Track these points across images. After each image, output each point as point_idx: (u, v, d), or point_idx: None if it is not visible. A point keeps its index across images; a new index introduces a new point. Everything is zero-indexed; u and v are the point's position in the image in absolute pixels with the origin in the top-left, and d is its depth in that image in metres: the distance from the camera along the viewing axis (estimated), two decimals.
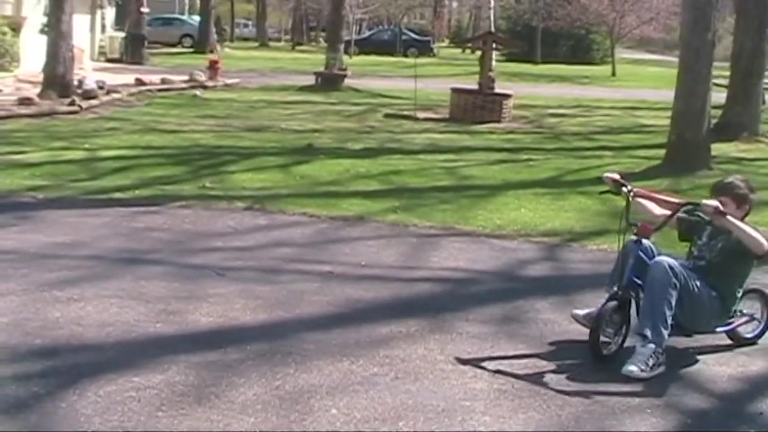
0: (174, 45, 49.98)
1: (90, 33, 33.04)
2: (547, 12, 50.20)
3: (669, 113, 14.49)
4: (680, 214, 5.98)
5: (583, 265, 8.07)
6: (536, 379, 5.22)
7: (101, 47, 35.90)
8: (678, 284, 5.39)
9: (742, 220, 5.59)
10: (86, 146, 13.38)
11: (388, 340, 5.77)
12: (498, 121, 19.74)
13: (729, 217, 5.41)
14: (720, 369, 5.62)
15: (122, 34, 36.00)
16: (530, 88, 30.14)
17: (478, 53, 25.93)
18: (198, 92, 23.59)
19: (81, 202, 9.56)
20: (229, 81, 27.06)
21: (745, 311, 5.98)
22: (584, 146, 16.77)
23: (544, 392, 5.03)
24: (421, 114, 20.32)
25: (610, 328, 5.58)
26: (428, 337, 5.87)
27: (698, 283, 5.52)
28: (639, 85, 35.86)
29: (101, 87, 20.59)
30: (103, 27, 37.47)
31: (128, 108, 19.37)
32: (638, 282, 5.60)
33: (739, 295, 5.81)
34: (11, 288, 6.36)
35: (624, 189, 5.97)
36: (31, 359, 5.11)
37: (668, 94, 15.92)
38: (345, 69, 28.40)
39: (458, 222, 9.40)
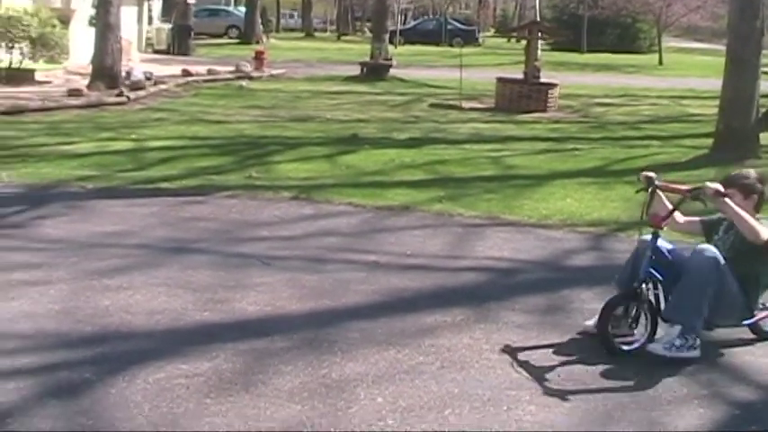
0: (220, 36, 50.33)
1: (137, 25, 33.34)
2: (593, 0, 49.78)
3: (717, 102, 14.34)
4: (703, 217, 6.01)
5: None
6: (581, 369, 5.20)
7: (148, 38, 36.22)
8: (718, 280, 5.32)
9: (752, 212, 5.51)
10: (134, 136, 13.52)
11: (433, 329, 5.78)
12: (544, 111, 19.65)
13: (728, 200, 5.37)
14: None
15: (169, 26, 36.30)
16: (575, 77, 29.95)
17: (524, 42, 25.76)
18: (244, 82, 23.73)
19: (129, 191, 9.66)
20: (275, 72, 27.20)
21: (766, 305, 5.86)
22: (630, 135, 16.64)
23: (589, 382, 5.02)
24: (466, 104, 20.28)
25: (622, 323, 5.54)
26: (473, 326, 5.88)
27: (729, 279, 5.42)
28: (686, 74, 35.50)
29: (148, 78, 20.79)
30: (150, 19, 37.81)
31: (174, 99, 19.53)
32: (656, 274, 5.58)
33: (761, 289, 5.70)
34: (61, 276, 6.46)
35: (652, 185, 5.91)
36: (81, 346, 5.19)
37: (716, 83, 15.76)
38: (390, 59, 28.38)
39: (503, 212, 9.38)
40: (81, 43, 22.37)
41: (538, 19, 26.86)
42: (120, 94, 18.00)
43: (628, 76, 34.45)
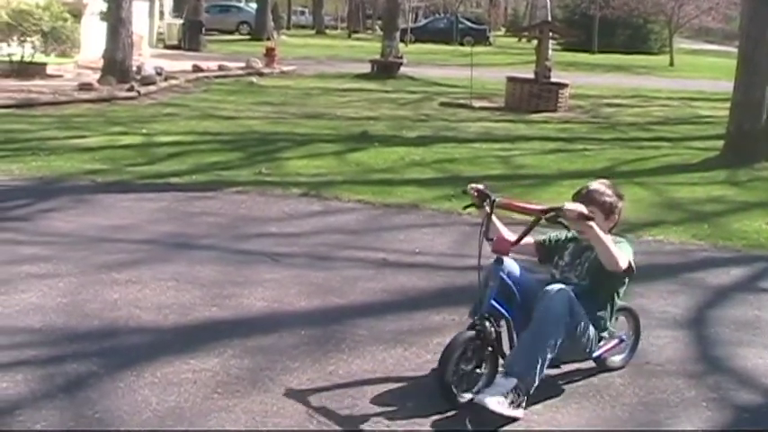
0: (231, 32, 50.47)
1: (149, 20, 33.37)
2: (604, 0, 49.71)
3: (727, 104, 14.30)
4: (538, 237, 5.25)
5: (637, 256, 7.94)
6: (587, 370, 5.18)
7: (159, 33, 36.26)
8: (570, 320, 4.63)
9: (610, 231, 4.97)
10: (144, 131, 13.55)
11: (440, 328, 5.77)
12: (554, 111, 19.62)
13: (593, 224, 4.61)
14: None
15: (180, 21, 36.35)
16: (586, 78, 29.91)
17: (534, 42, 25.73)
18: (254, 79, 23.77)
19: (138, 186, 9.68)
20: (286, 68, 27.23)
21: (615, 334, 5.17)
22: (640, 136, 16.61)
23: (597, 384, 5.01)
24: (476, 103, 20.26)
25: (466, 365, 4.61)
26: None
27: (581, 316, 4.73)
28: (698, 76, 35.40)
29: (159, 73, 20.83)
30: (162, 14, 37.86)
31: (185, 94, 19.57)
32: (501, 309, 4.72)
33: (610, 317, 5.04)
34: (70, 270, 6.47)
35: (486, 201, 5.35)
36: (90, 339, 5.21)
37: (727, 85, 15.73)
38: (401, 57, 28.39)
39: (511, 211, 9.33)
40: (92, 37, 22.42)
41: (549, 18, 26.83)
42: (131, 89, 18.05)
43: (638, 76, 34.37)
